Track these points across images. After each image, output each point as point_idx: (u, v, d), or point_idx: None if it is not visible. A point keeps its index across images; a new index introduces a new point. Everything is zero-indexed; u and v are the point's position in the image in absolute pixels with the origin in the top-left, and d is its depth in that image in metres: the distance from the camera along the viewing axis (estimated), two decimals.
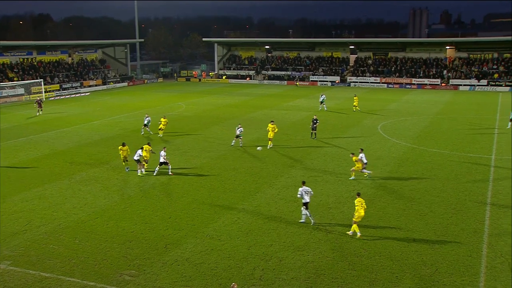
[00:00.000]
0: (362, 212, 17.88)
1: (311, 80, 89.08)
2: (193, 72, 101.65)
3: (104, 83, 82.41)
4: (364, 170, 25.25)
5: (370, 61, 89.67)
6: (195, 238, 17.94)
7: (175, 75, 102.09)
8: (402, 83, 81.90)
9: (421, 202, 21.68)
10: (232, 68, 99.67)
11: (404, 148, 32.82)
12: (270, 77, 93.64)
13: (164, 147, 27.37)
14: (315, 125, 36.20)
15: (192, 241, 17.66)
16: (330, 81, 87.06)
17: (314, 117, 36.92)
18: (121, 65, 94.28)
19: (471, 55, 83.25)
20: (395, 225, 18.96)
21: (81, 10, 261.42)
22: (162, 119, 38.44)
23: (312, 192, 19.45)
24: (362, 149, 25.90)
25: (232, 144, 33.43)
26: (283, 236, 18.09)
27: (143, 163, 26.76)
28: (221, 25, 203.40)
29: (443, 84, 78.99)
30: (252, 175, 26.49)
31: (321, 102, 52.87)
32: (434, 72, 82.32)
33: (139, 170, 26.45)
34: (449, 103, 58.88)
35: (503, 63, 79.69)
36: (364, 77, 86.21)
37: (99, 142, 35.63)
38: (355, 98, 52.40)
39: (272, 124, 33.77)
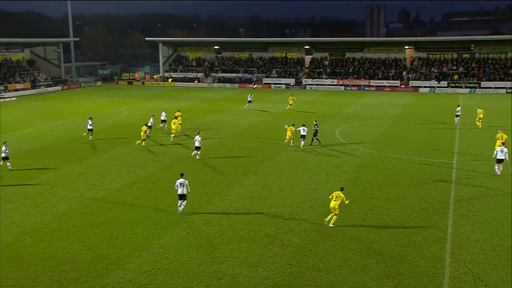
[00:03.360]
0: (331, 204, 20.08)
1: (265, 83, 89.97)
2: (136, 75, 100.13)
3: (33, 87, 79.60)
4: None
5: (326, 62, 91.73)
6: (140, 257, 17.57)
7: (115, 78, 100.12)
8: (360, 85, 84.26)
9: (382, 211, 22.30)
10: (178, 70, 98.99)
11: (363, 154, 33.70)
12: (220, 80, 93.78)
13: (199, 132, 33.20)
14: (315, 131, 36.36)
15: (136, 260, 17.28)
16: (284, 84, 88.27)
17: (314, 122, 37.15)
18: (53, 67, 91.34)
19: (430, 56, 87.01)
20: (355, 235, 19.38)
21: (2, 4, 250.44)
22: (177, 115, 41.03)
23: (187, 185, 21.44)
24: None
25: (192, 155, 32.69)
26: (236, 251, 18.06)
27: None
28: (166, 24, 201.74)
29: (402, 86, 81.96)
30: (202, 185, 26.33)
31: (249, 102, 57.66)
32: (393, 73, 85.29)
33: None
34: (409, 105, 61.14)
35: (462, 63, 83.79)
36: (321, 79, 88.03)
37: (29, 153, 34.28)
38: (291, 97, 56.58)
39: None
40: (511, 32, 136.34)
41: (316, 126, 36.72)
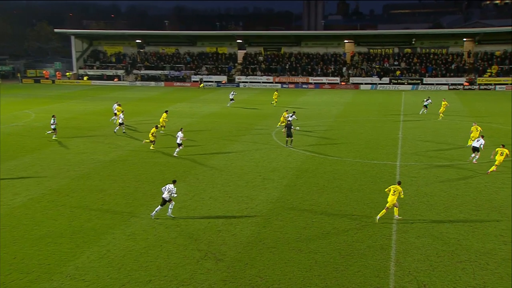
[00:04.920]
0: (389, 198, 21.80)
1: (194, 81, 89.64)
2: (44, 72, 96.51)
3: None
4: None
5: (261, 58, 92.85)
6: (50, 281, 16.88)
7: (18, 75, 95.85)
8: (298, 83, 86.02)
9: (323, 218, 22.82)
10: (95, 67, 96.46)
11: (302, 157, 34.35)
12: (144, 78, 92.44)
13: (181, 128, 35.12)
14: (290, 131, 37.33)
15: (46, 286, 16.58)
16: (215, 81, 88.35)
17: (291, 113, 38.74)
18: None
19: (371, 50, 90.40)
20: (295, 246, 19.70)
21: None
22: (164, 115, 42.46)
23: (174, 193, 22.28)
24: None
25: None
26: (164, 268, 17.82)
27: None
28: (78, 13, 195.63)
29: (342, 83, 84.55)
30: (125, 196, 25.78)
31: (231, 100, 61.10)
32: (333, 69, 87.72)
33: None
34: (350, 104, 63.12)
35: (404, 58, 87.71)
36: (255, 76, 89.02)
37: None
38: (276, 93, 61.64)
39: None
40: (452, 26, 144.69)
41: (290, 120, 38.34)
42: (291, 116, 42.69)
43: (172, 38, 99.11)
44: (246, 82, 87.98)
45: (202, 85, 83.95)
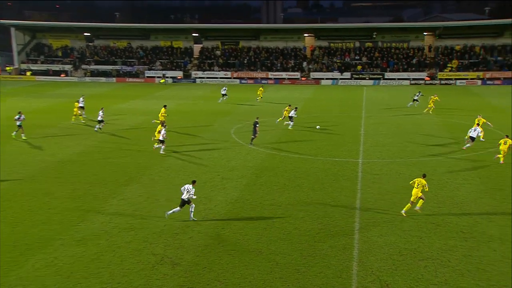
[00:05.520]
0: (413, 191, 22.69)
1: (148, 76, 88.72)
2: None
3: None
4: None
5: (218, 52, 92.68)
6: None
7: None
8: (257, 78, 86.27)
9: (284, 218, 22.96)
10: (40, 62, 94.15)
11: (262, 155, 34.47)
12: (94, 73, 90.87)
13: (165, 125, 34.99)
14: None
15: None
16: (171, 77, 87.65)
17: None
18: None
19: (332, 44, 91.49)
20: (256, 248, 19.75)
21: None
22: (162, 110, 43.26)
23: (193, 195, 21.99)
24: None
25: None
26: (118, 275, 17.56)
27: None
28: (19, 3, 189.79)
29: (303, 78, 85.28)
30: (74, 199, 25.27)
31: (223, 95, 61.03)
32: (293, 64, 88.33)
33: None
34: (311, 100, 63.74)
35: (365, 53, 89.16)
36: (213, 72, 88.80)
37: None
38: (260, 89, 62.06)
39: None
40: (413, 20, 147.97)
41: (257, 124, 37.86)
42: (294, 112, 44.12)
43: (123, 31, 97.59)
44: (203, 77, 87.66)
45: (163, 80, 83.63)
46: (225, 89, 62.25)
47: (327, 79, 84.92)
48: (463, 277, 17.28)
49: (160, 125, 35.74)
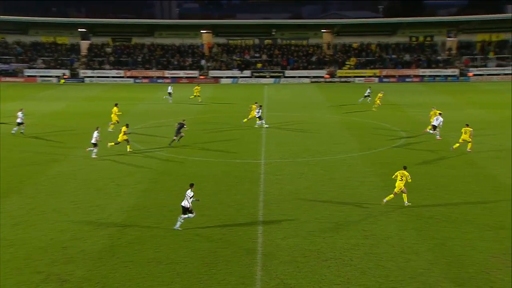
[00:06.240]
0: (397, 184, 24.29)
1: (28, 75, 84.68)
2: None
3: None
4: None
5: (109, 49, 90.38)
6: None
7: None
8: (152, 77, 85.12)
9: (185, 224, 22.73)
10: None
11: (160, 159, 34.11)
12: None
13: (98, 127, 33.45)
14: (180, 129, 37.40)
15: None
16: (55, 76, 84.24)
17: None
18: None
19: (230, 41, 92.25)
20: (154, 258, 19.44)
21: None
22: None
23: (190, 198, 21.64)
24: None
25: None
26: None
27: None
28: None
29: (201, 77, 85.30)
30: None
31: (169, 93, 60.25)
32: (190, 62, 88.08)
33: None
34: (211, 99, 63.89)
35: (265, 50, 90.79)
36: (103, 70, 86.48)
37: None
38: (197, 87, 60.76)
39: None
40: (311, 17, 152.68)
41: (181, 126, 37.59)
42: (258, 111, 44.19)
43: None
44: (93, 76, 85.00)
45: (62, 81, 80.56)
46: (171, 88, 61.48)
47: (227, 77, 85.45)
48: (364, 275, 18.06)
49: (125, 126, 35.50)
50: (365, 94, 57.70)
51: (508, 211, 24.09)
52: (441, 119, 38.72)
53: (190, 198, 21.81)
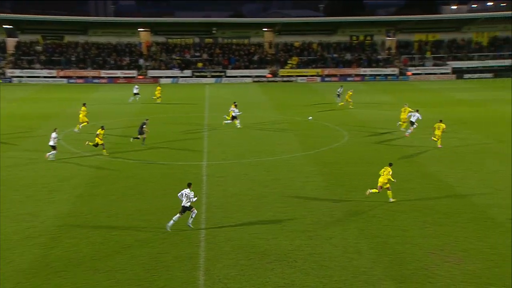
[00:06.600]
0: (380, 179, 25.47)
1: None
2: None
3: None
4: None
5: (39, 48, 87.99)
6: None
7: None
8: (87, 77, 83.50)
9: (124, 230, 22.47)
10: None
11: (97, 163, 33.49)
12: None
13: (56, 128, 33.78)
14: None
15: None
16: None
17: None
18: None
19: (169, 40, 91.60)
20: (91, 266, 19.07)
21: None
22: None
23: (192, 198, 22.10)
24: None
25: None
26: None
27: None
28: None
29: (140, 77, 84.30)
30: None
31: (135, 94, 59.61)
32: (128, 61, 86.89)
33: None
34: (150, 99, 63.09)
35: (206, 49, 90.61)
36: (33, 70, 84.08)
37: None
38: (158, 87, 60.12)
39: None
40: (252, 15, 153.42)
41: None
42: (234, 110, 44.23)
43: None
44: (22, 76, 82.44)
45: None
46: (137, 88, 60.54)
47: (166, 77, 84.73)
48: (308, 276, 18.33)
49: (100, 129, 35.14)
50: (337, 93, 58.78)
51: (447, 207, 25.08)
52: (418, 115, 40.39)
53: (192, 198, 22.25)
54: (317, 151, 36.78)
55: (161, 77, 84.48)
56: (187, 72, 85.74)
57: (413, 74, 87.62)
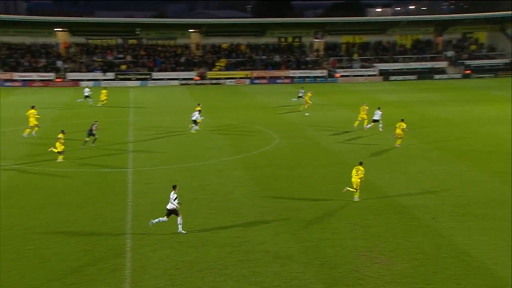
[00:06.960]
0: (353, 179, 26.25)
1: None
2: None
3: None
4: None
5: None
6: None
7: None
8: None
9: (42, 243, 21.75)
10: None
11: (11, 172, 32.41)
12: None
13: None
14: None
15: None
16: None
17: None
18: None
19: (90, 41, 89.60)
20: (3, 285, 18.38)
21: None
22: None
23: (173, 200, 22.27)
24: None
25: None
26: None
27: None
28: None
29: (58, 80, 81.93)
30: None
31: (86, 96, 59.29)
32: (44, 63, 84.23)
33: None
34: (70, 104, 61.58)
35: (130, 51, 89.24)
36: None
37: None
38: (103, 91, 59.52)
39: None
40: (177, 16, 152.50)
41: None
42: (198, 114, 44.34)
43: None
44: None
45: None
46: (88, 91, 59.31)
47: (87, 80, 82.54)
48: (239, 283, 18.34)
49: (61, 133, 34.56)
50: (299, 95, 59.28)
51: (376, 209, 25.82)
52: (380, 112, 43.31)
53: (174, 200, 22.40)
54: (247, 154, 36.94)
55: (81, 80, 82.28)
56: (110, 75, 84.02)
57: (342, 76, 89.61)
